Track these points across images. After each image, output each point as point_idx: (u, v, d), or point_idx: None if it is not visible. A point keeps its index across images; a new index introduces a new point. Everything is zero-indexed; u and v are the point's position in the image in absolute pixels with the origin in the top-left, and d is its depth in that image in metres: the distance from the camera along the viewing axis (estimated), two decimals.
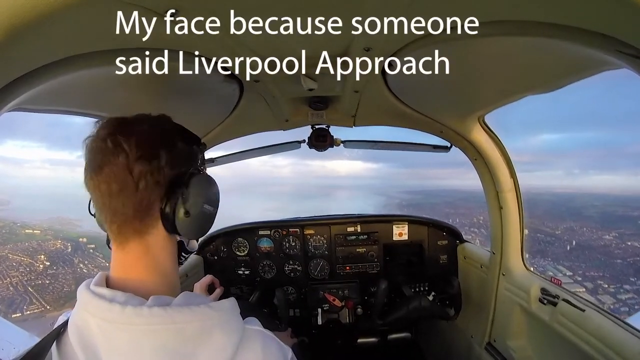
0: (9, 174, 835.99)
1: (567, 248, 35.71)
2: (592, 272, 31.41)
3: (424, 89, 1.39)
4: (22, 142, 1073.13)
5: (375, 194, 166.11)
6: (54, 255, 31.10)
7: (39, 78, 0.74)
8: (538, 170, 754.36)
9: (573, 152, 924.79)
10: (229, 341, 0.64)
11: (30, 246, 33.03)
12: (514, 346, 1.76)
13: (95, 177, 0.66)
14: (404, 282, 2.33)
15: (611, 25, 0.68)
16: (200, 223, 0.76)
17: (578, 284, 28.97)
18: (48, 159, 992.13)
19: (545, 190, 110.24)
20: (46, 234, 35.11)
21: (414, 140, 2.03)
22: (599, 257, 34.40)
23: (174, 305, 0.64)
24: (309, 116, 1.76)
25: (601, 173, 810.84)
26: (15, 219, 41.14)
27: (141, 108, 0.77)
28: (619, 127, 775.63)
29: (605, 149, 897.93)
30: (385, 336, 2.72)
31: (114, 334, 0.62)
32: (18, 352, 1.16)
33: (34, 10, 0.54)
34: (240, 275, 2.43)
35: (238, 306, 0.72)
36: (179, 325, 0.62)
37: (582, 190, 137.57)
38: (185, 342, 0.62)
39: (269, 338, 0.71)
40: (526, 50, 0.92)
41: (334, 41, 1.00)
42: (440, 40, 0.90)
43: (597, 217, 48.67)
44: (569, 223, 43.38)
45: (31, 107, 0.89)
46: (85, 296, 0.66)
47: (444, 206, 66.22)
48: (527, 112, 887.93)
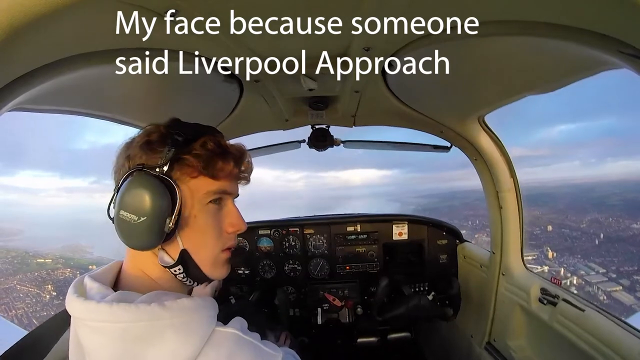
0: (25, 203, 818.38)
1: (596, 242, 34.43)
2: (626, 267, 30.14)
3: (424, 89, 1.39)
4: (32, 172, 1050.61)
5: (390, 201, 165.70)
6: (62, 285, 30.79)
7: (39, 78, 0.74)
8: (555, 163, 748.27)
9: (589, 142, 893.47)
10: (183, 345, 0.58)
11: (40, 276, 32.73)
12: (514, 346, 1.76)
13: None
14: (403, 282, 2.33)
15: (612, 25, 0.68)
16: (120, 231, 0.66)
17: (613, 281, 27.93)
18: (63, 187, 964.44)
19: (563, 182, 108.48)
20: (57, 262, 34.94)
21: (414, 141, 2.03)
22: (631, 249, 33.03)
23: (122, 303, 0.59)
24: (309, 116, 1.76)
25: (617, 160, 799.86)
26: (28, 248, 40.74)
27: (141, 108, 0.77)
28: (636, 112, 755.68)
29: (622, 135, 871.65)
30: (385, 336, 2.73)
31: (77, 330, 0.63)
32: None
33: (33, 10, 0.54)
34: (240, 275, 2.43)
35: (212, 305, 0.68)
36: (122, 324, 0.57)
37: (600, 179, 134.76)
38: (132, 342, 0.57)
39: (245, 343, 0.63)
40: (526, 50, 0.92)
41: (334, 41, 1.00)
42: (440, 40, 0.90)
43: (621, 205, 47.28)
44: (593, 215, 41.77)
45: (31, 107, 0.89)
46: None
47: (462, 208, 64.25)
48: (544, 102, 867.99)
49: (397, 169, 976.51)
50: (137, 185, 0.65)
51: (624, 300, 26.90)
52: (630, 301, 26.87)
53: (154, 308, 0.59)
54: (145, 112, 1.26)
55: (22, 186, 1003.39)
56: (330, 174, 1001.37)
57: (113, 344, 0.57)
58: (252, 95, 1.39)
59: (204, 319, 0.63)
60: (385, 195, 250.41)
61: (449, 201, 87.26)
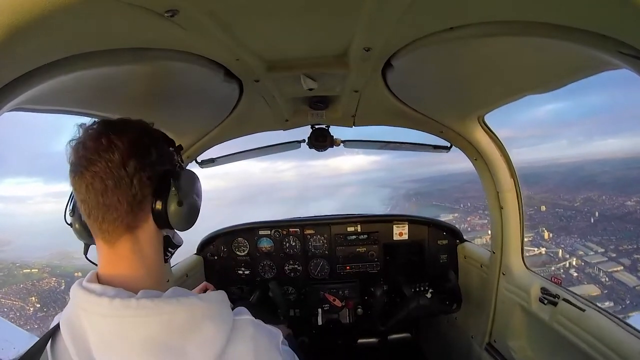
0: (13, 212, 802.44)
1: (591, 220, 33.68)
2: (625, 245, 29.33)
3: (424, 88, 1.39)
4: (15, 179, 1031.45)
5: (380, 187, 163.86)
6: (46, 296, 29.94)
7: (39, 78, 0.74)
8: (542, 144, 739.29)
9: (577, 120, 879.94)
10: (218, 332, 0.65)
11: (25, 287, 31.42)
12: (514, 346, 1.76)
13: (88, 174, 0.66)
14: (404, 282, 2.33)
15: (612, 26, 0.68)
16: (191, 214, 0.80)
17: (614, 261, 26.97)
18: (51, 192, 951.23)
19: (551, 162, 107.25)
20: (43, 271, 33.71)
21: (414, 140, 2.03)
22: (627, 226, 32.28)
23: (162, 297, 0.65)
24: (308, 116, 1.76)
25: (605, 138, 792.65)
26: (15, 259, 39.42)
27: (141, 108, 0.77)
28: (624, 88, 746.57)
29: (609, 113, 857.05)
30: (385, 336, 2.73)
31: (103, 327, 0.63)
32: (18, 352, 1.16)
33: (34, 10, 0.54)
34: (240, 275, 2.43)
35: (227, 299, 0.74)
36: (166, 316, 0.62)
37: (587, 158, 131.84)
38: (173, 333, 0.62)
39: (258, 326, 0.72)
40: (526, 50, 0.92)
41: (334, 41, 1.00)
42: (440, 40, 0.90)
43: (612, 182, 46.07)
44: (585, 193, 40.98)
45: (31, 107, 0.89)
46: (77, 292, 0.67)
47: (453, 191, 63.29)
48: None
49: (387, 155, 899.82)
50: (194, 176, 0.83)
51: (627, 281, 25.96)
52: (633, 282, 25.87)
53: (192, 300, 0.65)
54: (145, 112, 1.26)
55: (8, 195, 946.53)
56: (319, 162, 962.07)
57: (153, 337, 0.61)
58: (252, 95, 1.39)
59: (229, 310, 0.72)
60: (375, 182, 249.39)
61: (439, 185, 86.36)
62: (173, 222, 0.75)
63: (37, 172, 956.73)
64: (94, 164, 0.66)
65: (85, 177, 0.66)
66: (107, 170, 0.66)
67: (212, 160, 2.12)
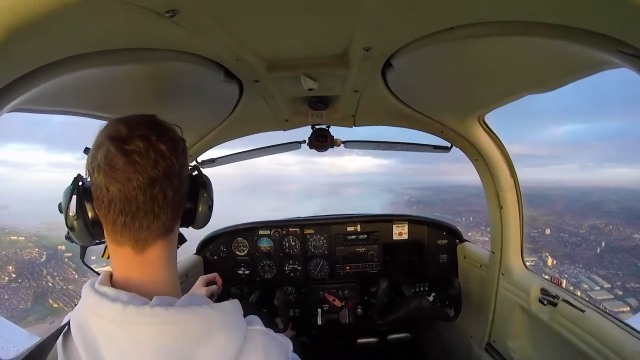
0: (15, 177, 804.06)
1: (597, 251, 32.26)
2: (632, 283, 27.53)
3: (424, 88, 1.39)
4: (17, 145, 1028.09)
5: (383, 191, 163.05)
6: (24, 266, 28.40)
7: (39, 78, 0.74)
8: (552, 165, 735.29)
9: (590, 144, 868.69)
10: (230, 342, 0.64)
11: (6, 255, 30.19)
12: (514, 347, 1.76)
13: (140, 178, 0.62)
14: (404, 282, 2.33)
15: (612, 25, 0.68)
16: (210, 214, 0.82)
17: (620, 300, 25.27)
18: (54, 162, 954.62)
19: (558, 185, 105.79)
20: (29, 240, 32.28)
21: (414, 141, 2.03)
22: (635, 261, 30.88)
23: (176, 306, 0.64)
24: (309, 116, 1.76)
25: (616, 166, 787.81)
26: (6, 226, 38.36)
27: (141, 108, 0.77)
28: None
29: (623, 139, 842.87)
30: (385, 336, 2.73)
31: (116, 333, 0.62)
32: (17, 351, 1.16)
33: (34, 10, 0.54)
34: (240, 275, 2.43)
35: (241, 308, 0.73)
36: (180, 325, 0.62)
37: (593, 184, 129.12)
38: (186, 342, 0.61)
39: (270, 337, 0.71)
40: (526, 50, 0.92)
41: (334, 41, 1.00)
42: (440, 40, 0.90)
43: (620, 212, 45.24)
44: (591, 220, 39.99)
45: (31, 107, 0.89)
46: (89, 295, 0.66)
47: (455, 203, 62.12)
48: (560, 97, 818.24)
49: (395, 159, 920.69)
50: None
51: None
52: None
53: (206, 310, 0.64)
54: (145, 113, 1.26)
55: (12, 160, 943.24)
56: (325, 160, 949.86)
57: (165, 345, 0.61)
58: (252, 95, 1.39)
59: (241, 319, 0.71)
60: (378, 185, 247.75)
61: (441, 194, 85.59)
62: (200, 222, 0.77)
63: (40, 140, 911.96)
64: (153, 167, 0.63)
65: (132, 182, 0.62)
66: (166, 175, 0.64)
67: (213, 160, 2.13)
